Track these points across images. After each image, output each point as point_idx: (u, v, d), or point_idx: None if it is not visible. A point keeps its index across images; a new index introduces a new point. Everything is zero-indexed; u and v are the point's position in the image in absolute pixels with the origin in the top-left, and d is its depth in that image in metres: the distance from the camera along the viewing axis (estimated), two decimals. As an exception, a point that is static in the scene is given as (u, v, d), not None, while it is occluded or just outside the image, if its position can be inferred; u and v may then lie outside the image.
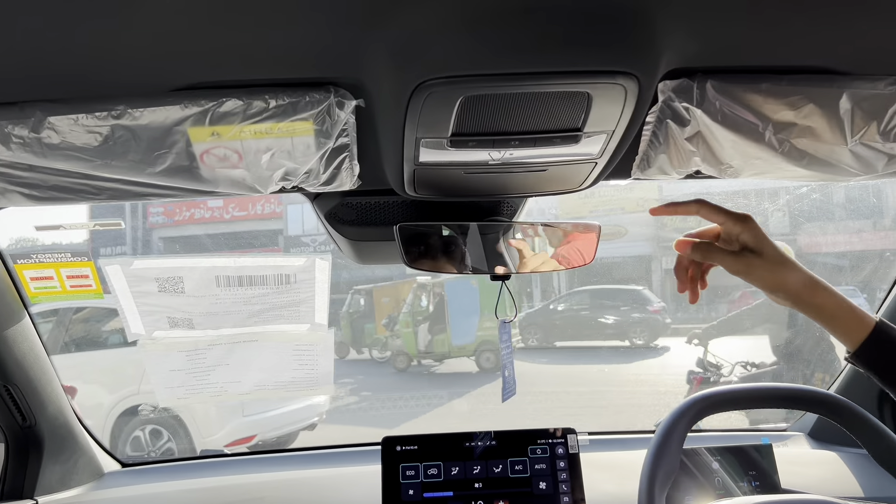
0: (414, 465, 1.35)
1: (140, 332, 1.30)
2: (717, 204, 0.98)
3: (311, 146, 0.82)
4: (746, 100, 0.80)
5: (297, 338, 1.40)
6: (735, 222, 0.95)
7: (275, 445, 5.33)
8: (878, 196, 8.55)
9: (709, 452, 1.46)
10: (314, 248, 12.13)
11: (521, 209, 1.15)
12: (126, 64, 0.70)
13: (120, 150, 0.78)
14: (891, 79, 0.80)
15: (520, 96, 0.72)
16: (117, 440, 5.02)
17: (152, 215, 13.16)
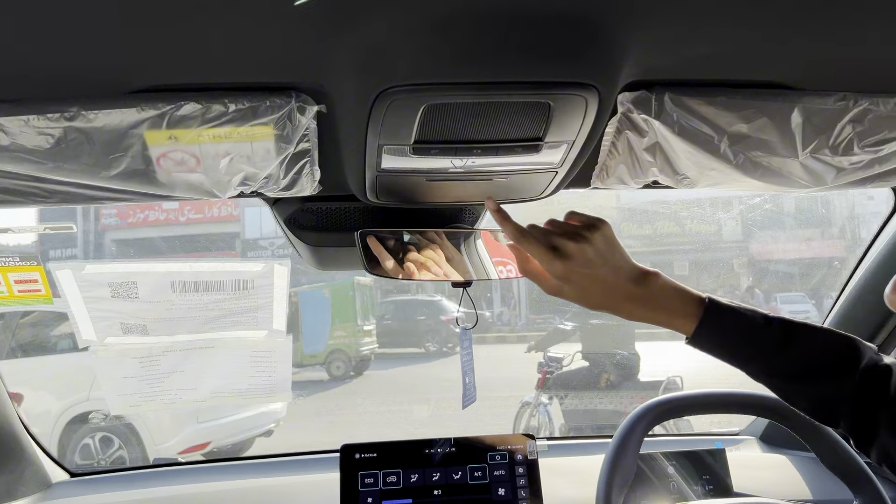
0: (373, 472, 1.34)
1: (92, 338, 1.26)
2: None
3: (271, 151, 0.81)
4: (703, 112, 0.82)
5: (255, 344, 1.38)
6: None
7: (230, 453, 5.24)
8: (827, 206, 8.82)
9: (664, 457, 1.48)
10: (272, 251, 11.98)
11: (483, 216, 1.16)
12: (81, 65, 0.68)
13: (73, 153, 0.76)
14: (839, 94, 0.82)
15: (482, 105, 0.72)
16: (66, 449, 4.88)
17: (105, 217, 12.84)
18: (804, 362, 0.86)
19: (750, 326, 0.86)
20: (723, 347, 0.88)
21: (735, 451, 1.78)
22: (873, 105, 0.83)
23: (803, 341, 0.86)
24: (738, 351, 0.88)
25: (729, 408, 1.39)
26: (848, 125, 0.84)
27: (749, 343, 0.87)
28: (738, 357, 0.88)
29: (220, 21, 0.62)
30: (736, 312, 0.87)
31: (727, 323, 0.87)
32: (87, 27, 0.62)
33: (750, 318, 0.87)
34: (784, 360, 0.86)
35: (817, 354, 0.86)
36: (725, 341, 0.88)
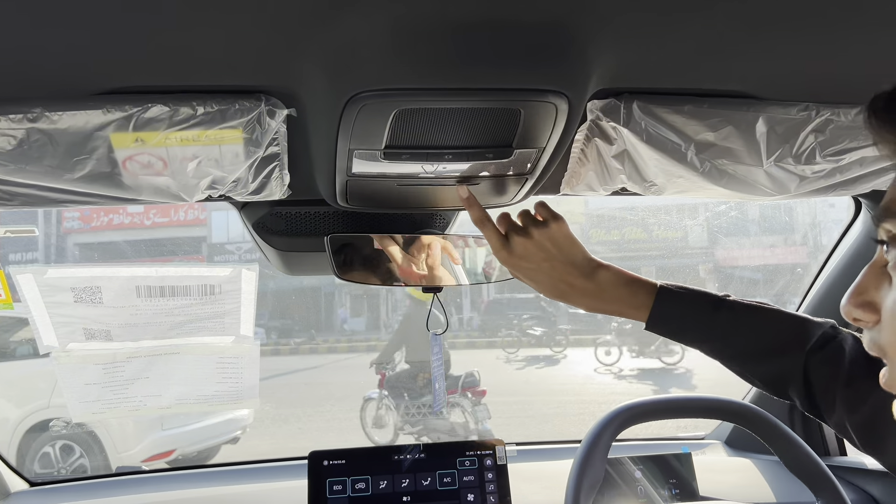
0: (341, 479, 1.33)
1: (53, 344, 1.23)
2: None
3: (239, 155, 0.80)
4: (670, 120, 0.83)
5: (222, 350, 1.36)
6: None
7: (195, 461, 5.16)
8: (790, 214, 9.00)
9: (632, 461, 1.50)
10: (239, 256, 11.85)
11: (454, 222, 1.16)
12: (44, 65, 0.66)
13: (36, 155, 0.74)
14: (802, 105, 0.84)
15: (453, 111, 0.72)
16: (25, 458, 4.75)
17: (67, 220, 12.56)
18: (753, 342, 0.91)
19: (699, 311, 0.92)
20: (676, 332, 0.95)
21: (701, 455, 1.81)
22: (835, 115, 0.85)
23: (751, 322, 0.91)
24: (690, 334, 0.94)
25: (695, 413, 1.40)
26: (811, 135, 0.86)
27: (700, 326, 0.92)
28: (692, 339, 0.94)
29: (189, 23, 0.61)
30: (685, 299, 0.93)
31: (677, 309, 0.93)
32: (53, 26, 0.60)
33: (700, 304, 0.92)
34: (734, 341, 0.92)
35: (765, 334, 0.91)
36: (677, 326, 0.94)
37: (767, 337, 0.91)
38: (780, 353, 0.90)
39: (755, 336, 0.91)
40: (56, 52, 0.65)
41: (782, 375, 0.91)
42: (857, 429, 0.85)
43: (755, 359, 0.92)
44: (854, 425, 0.85)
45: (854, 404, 0.85)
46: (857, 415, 0.85)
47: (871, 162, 0.91)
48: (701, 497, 1.50)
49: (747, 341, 0.91)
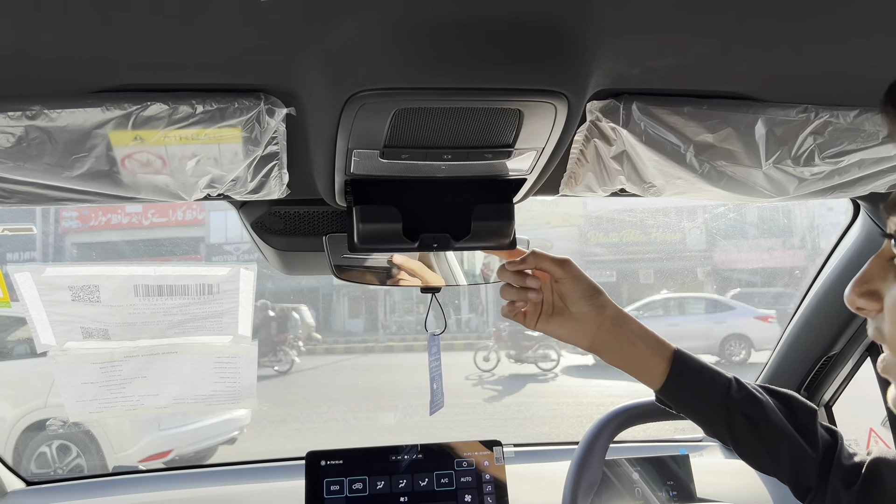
0: (339, 479, 1.33)
1: (51, 343, 1.23)
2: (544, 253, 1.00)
3: (238, 153, 0.80)
4: (669, 122, 0.83)
5: (219, 350, 1.36)
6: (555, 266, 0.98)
7: (193, 461, 5.15)
8: (788, 217, 9.01)
9: (629, 463, 1.50)
10: (237, 256, 11.85)
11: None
12: (43, 62, 0.66)
13: (34, 153, 0.74)
14: (801, 107, 0.84)
15: (453, 111, 0.72)
16: (21, 457, 4.75)
17: (65, 220, 12.55)
18: (767, 428, 0.91)
19: (715, 386, 0.93)
20: (688, 407, 0.95)
21: (698, 457, 1.81)
22: (833, 117, 0.85)
23: (765, 404, 0.92)
24: (702, 410, 0.94)
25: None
26: (809, 137, 0.86)
27: (712, 403, 0.92)
28: (702, 417, 0.94)
29: (189, 22, 0.61)
30: (703, 371, 0.93)
31: (691, 381, 0.93)
32: (52, 24, 0.60)
33: (714, 378, 0.93)
34: (748, 424, 0.91)
35: (780, 419, 0.92)
36: (688, 400, 0.94)
37: (784, 419, 0.92)
38: (797, 435, 0.91)
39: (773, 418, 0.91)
40: (55, 50, 0.65)
41: (801, 455, 0.91)
42: (853, 500, 0.88)
43: (774, 441, 0.92)
44: (851, 498, 0.88)
45: (850, 480, 0.89)
46: (853, 488, 0.88)
47: (869, 164, 0.91)
48: (698, 499, 1.50)
49: (763, 424, 0.91)
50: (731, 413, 0.91)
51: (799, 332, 1.61)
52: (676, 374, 0.92)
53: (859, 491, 0.87)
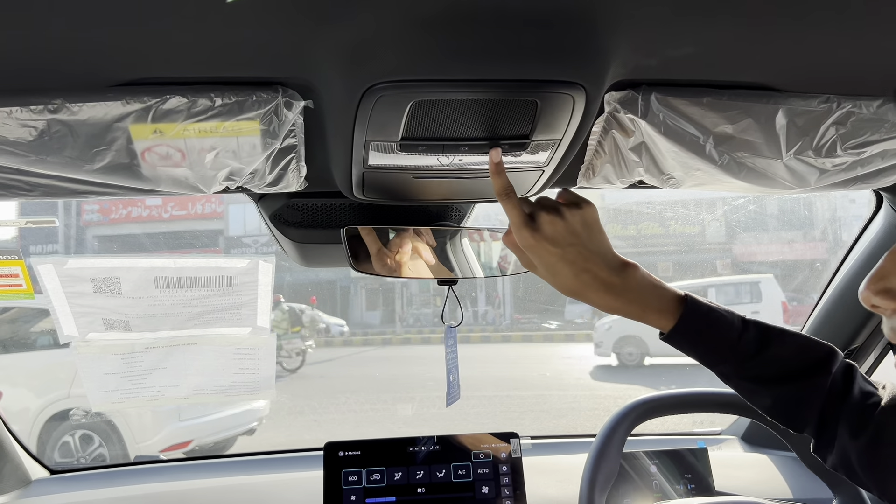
0: (356, 470, 1.34)
1: (73, 334, 1.25)
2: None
3: (257, 146, 0.80)
4: (688, 113, 0.83)
5: (238, 341, 1.37)
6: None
7: (212, 451, 5.21)
8: (809, 209, 8.91)
9: (647, 456, 1.49)
10: (256, 249, 11.94)
11: (469, 214, 1.16)
12: (65, 57, 0.67)
13: (56, 146, 0.75)
14: (823, 97, 0.83)
15: (470, 103, 0.72)
16: (45, 446, 4.83)
17: (87, 213, 12.72)
18: (777, 366, 0.86)
19: (728, 328, 0.85)
20: (698, 346, 0.87)
21: (717, 450, 1.80)
22: (856, 108, 0.84)
23: (778, 345, 0.86)
24: (713, 351, 0.87)
25: (712, 407, 1.39)
26: (831, 127, 0.85)
27: (725, 345, 0.85)
28: (712, 357, 0.87)
29: (207, 15, 0.62)
30: (714, 313, 0.86)
31: (705, 323, 0.86)
32: (73, 19, 0.61)
33: (728, 320, 0.86)
34: (757, 363, 0.85)
35: (790, 358, 0.86)
36: (701, 341, 0.87)
37: (792, 361, 0.86)
38: (803, 379, 0.86)
39: (780, 360, 0.86)
40: (76, 44, 0.65)
41: (801, 402, 0.86)
42: (860, 455, 0.82)
43: (776, 383, 0.86)
44: (857, 451, 0.82)
45: (857, 429, 0.83)
46: (860, 439, 0.82)
47: (892, 155, 0.90)
48: (717, 492, 1.49)
49: (771, 364, 0.86)
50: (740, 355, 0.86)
51: (820, 325, 1.60)
52: (685, 320, 0.86)
53: (866, 444, 0.81)
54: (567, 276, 0.85)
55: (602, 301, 0.87)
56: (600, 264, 0.85)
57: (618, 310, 0.88)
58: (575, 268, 0.85)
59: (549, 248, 0.84)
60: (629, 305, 0.87)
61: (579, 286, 0.86)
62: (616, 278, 0.86)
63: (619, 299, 0.86)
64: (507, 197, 0.85)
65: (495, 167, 0.83)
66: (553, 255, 0.84)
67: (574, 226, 0.85)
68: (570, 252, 0.84)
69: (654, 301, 0.87)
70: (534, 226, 0.84)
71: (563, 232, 0.84)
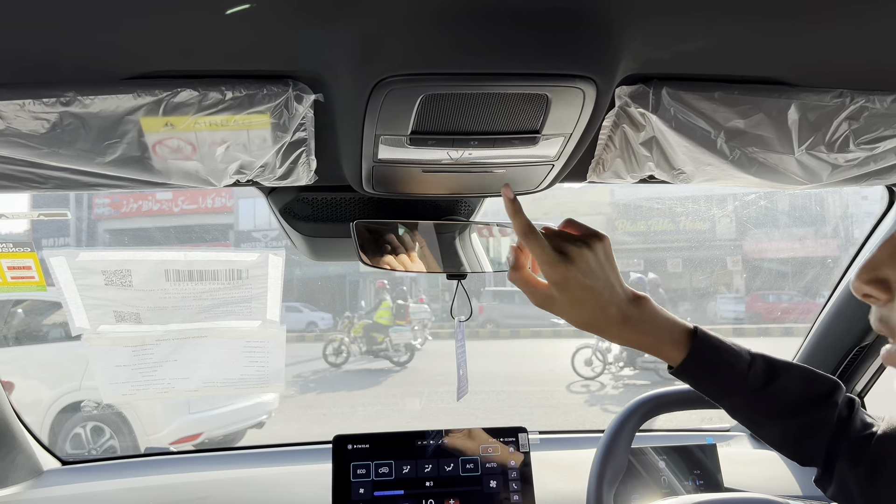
0: (365, 463, 1.34)
1: (85, 326, 1.26)
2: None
3: (267, 140, 0.81)
4: (700, 107, 0.82)
5: (248, 334, 1.38)
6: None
7: (222, 444, 5.24)
8: (821, 205, 8.85)
9: (655, 452, 1.49)
10: (265, 243, 11.98)
11: (479, 209, 1.16)
12: (77, 50, 0.68)
13: (68, 139, 0.75)
14: (836, 91, 0.83)
15: (480, 96, 0.72)
16: (57, 437, 4.87)
17: (98, 207, 12.80)
18: (784, 398, 0.86)
19: (737, 360, 0.86)
20: (708, 379, 0.88)
21: (726, 446, 1.79)
22: (869, 102, 0.83)
23: (785, 377, 0.87)
24: (722, 384, 0.87)
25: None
26: (844, 122, 0.84)
27: (735, 377, 0.86)
28: (721, 390, 0.88)
29: (217, 9, 0.62)
30: (724, 345, 0.87)
31: (715, 355, 0.86)
32: (85, 11, 0.61)
33: (737, 353, 0.87)
34: (765, 396, 0.86)
35: (797, 391, 0.87)
36: (712, 373, 0.87)
37: (801, 392, 0.87)
38: (812, 410, 0.87)
39: (790, 390, 0.86)
40: (88, 38, 0.66)
41: (811, 432, 0.87)
42: (859, 483, 0.83)
43: (787, 414, 0.87)
44: (857, 480, 0.83)
45: (857, 458, 0.84)
46: (859, 469, 0.83)
47: (906, 150, 0.89)
48: (725, 489, 1.49)
49: (780, 396, 0.86)
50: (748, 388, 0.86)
51: (831, 322, 1.59)
52: (696, 353, 0.87)
53: (865, 472, 0.82)
54: (593, 309, 0.85)
55: (620, 334, 0.87)
56: (621, 296, 0.86)
57: (633, 342, 0.88)
58: (602, 300, 0.85)
59: (581, 281, 0.84)
60: (645, 337, 0.87)
61: (603, 320, 0.86)
62: (634, 310, 0.86)
63: (636, 332, 0.87)
64: (532, 234, 0.85)
65: (511, 206, 0.85)
66: (585, 288, 0.84)
67: (600, 257, 0.85)
68: (598, 284, 0.84)
69: (666, 333, 0.87)
70: (565, 259, 0.84)
71: (593, 264, 0.84)
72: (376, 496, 1.32)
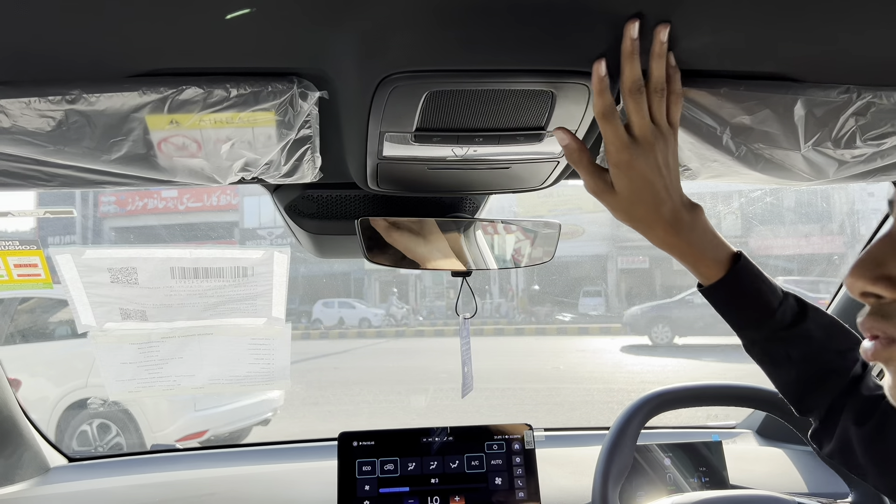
0: (370, 460, 1.35)
1: (91, 324, 1.26)
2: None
3: (272, 137, 0.81)
4: (705, 103, 0.82)
5: (254, 331, 1.38)
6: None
7: (228, 441, 5.26)
8: (827, 201, 8.81)
9: (661, 449, 1.49)
10: (270, 241, 12.00)
11: (483, 206, 1.16)
12: (82, 47, 0.68)
13: (74, 136, 0.75)
14: (842, 87, 0.82)
15: (484, 93, 0.72)
16: (63, 435, 4.89)
17: (104, 204, 12.83)
18: (807, 342, 0.86)
19: (771, 293, 0.85)
20: (737, 305, 0.86)
21: (732, 443, 1.79)
22: (876, 98, 0.82)
23: (812, 321, 0.86)
24: (750, 313, 0.86)
25: (726, 401, 1.39)
26: (851, 118, 0.84)
27: (764, 309, 0.85)
28: (747, 319, 0.86)
29: (223, 7, 0.62)
30: (762, 275, 0.86)
31: (752, 282, 0.85)
32: (90, 9, 0.61)
33: (771, 286, 0.86)
34: (789, 336, 0.85)
35: (821, 338, 0.86)
36: (743, 299, 0.86)
37: (824, 341, 0.86)
38: (831, 360, 0.86)
39: (814, 336, 0.86)
40: (94, 36, 0.66)
41: (822, 382, 0.86)
42: (863, 441, 0.82)
43: (804, 359, 0.86)
44: (861, 437, 0.82)
45: (863, 416, 0.83)
46: (865, 427, 0.82)
47: (913, 147, 0.89)
48: (731, 486, 1.49)
49: (804, 339, 0.85)
50: (773, 324, 0.85)
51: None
52: (734, 275, 0.84)
53: (872, 431, 0.81)
54: (647, 204, 0.80)
55: (666, 238, 0.83)
56: (676, 198, 0.81)
57: (675, 248, 0.84)
58: (658, 197, 0.80)
59: (645, 170, 0.78)
60: (689, 247, 0.84)
61: (653, 217, 0.81)
62: (686, 216, 0.82)
63: (681, 238, 0.83)
64: (612, 114, 0.75)
65: (599, 83, 0.72)
66: (645, 180, 0.78)
67: (668, 156, 0.79)
68: (659, 180, 0.79)
69: (711, 248, 0.85)
70: (637, 145, 0.77)
71: (661, 161, 0.78)
72: (381, 493, 1.33)
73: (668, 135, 0.78)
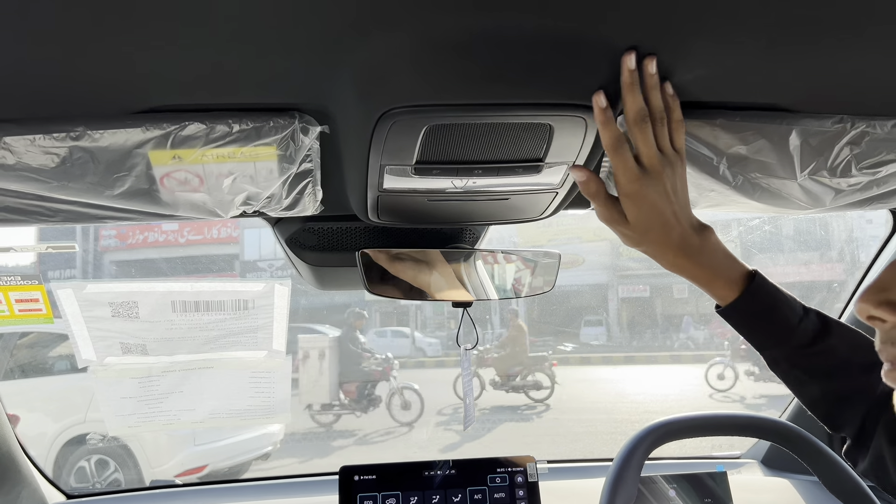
0: (372, 494, 1.33)
1: (91, 358, 1.26)
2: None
3: (274, 171, 0.81)
4: (702, 134, 0.83)
5: (254, 365, 1.38)
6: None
7: (227, 476, 5.20)
8: (826, 229, 8.83)
9: (665, 480, 1.47)
10: (271, 273, 11.99)
11: (483, 237, 1.16)
12: (86, 85, 0.69)
13: (78, 172, 0.76)
14: (836, 117, 0.83)
15: (483, 126, 0.73)
16: (62, 471, 4.84)
17: (104, 238, 12.84)
18: (831, 359, 0.84)
19: (790, 311, 0.84)
20: (757, 325, 0.85)
21: (736, 474, 1.77)
22: (870, 128, 0.83)
23: (836, 337, 0.84)
24: (770, 332, 0.85)
25: (731, 430, 1.38)
26: (846, 147, 0.85)
27: (784, 328, 0.84)
28: (768, 339, 0.85)
29: (225, 45, 0.63)
30: (780, 293, 0.85)
31: (769, 301, 0.84)
32: (94, 47, 0.62)
33: (791, 303, 0.84)
34: (812, 353, 0.84)
35: (845, 354, 0.84)
36: (762, 319, 0.85)
37: (848, 356, 0.84)
38: (856, 375, 0.84)
39: (838, 352, 0.84)
40: (98, 73, 0.67)
41: (849, 398, 0.85)
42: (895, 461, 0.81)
43: (829, 375, 0.85)
44: (894, 457, 0.81)
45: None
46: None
47: (908, 174, 0.89)
48: (737, 517, 1.47)
49: (827, 355, 0.84)
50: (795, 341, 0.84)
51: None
52: (750, 295, 0.84)
53: None
54: (656, 230, 0.80)
55: (676, 261, 0.83)
56: (685, 223, 0.81)
57: (687, 271, 0.84)
58: (668, 224, 0.80)
59: (654, 199, 0.79)
60: (700, 269, 0.84)
61: (663, 243, 0.82)
62: (695, 239, 0.82)
63: (692, 261, 0.83)
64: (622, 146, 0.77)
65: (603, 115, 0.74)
66: (654, 208, 0.79)
67: (676, 183, 0.80)
68: (668, 207, 0.79)
69: (724, 269, 0.84)
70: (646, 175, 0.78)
71: (669, 188, 0.79)
72: (383, 528, 1.31)
73: (675, 161, 0.79)
